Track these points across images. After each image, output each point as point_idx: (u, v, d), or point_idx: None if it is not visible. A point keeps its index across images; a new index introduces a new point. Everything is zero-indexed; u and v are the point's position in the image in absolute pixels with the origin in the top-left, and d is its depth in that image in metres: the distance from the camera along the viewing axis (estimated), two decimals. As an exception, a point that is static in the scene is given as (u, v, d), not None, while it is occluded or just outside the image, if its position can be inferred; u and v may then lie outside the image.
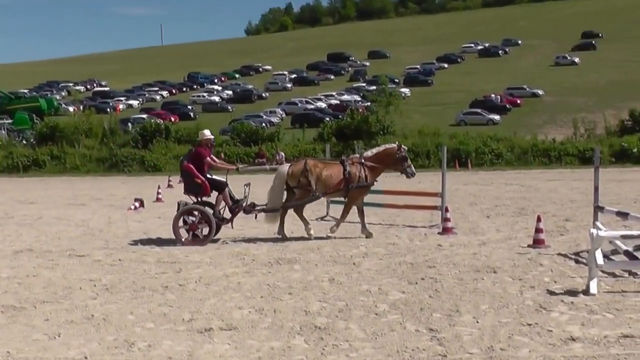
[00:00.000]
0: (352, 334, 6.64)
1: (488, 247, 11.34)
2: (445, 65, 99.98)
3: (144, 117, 64.83)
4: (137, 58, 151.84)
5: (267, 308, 7.63)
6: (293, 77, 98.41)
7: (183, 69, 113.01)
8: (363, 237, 12.65)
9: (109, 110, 73.46)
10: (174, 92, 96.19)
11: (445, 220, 13.20)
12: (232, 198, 12.87)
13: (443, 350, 6.10)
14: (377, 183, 13.33)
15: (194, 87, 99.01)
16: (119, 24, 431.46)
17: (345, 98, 75.21)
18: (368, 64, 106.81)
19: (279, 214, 12.85)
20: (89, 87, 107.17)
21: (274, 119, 64.78)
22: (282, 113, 69.12)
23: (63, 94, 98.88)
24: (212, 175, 12.87)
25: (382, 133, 46.29)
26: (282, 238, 12.68)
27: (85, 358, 6.18)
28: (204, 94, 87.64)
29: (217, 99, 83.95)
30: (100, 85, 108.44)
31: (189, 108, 76.16)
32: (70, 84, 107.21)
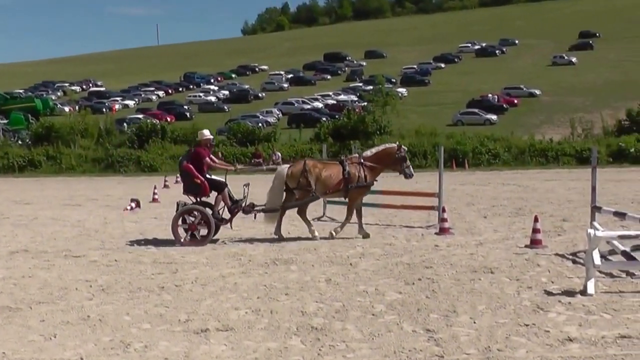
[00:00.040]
0: (348, 335, 6.62)
1: (485, 247, 11.33)
2: (442, 65, 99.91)
3: (140, 117, 64.71)
4: (133, 58, 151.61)
5: (263, 309, 7.61)
6: (289, 77, 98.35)
7: (179, 69, 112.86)
8: (360, 237, 12.64)
9: (105, 111, 73.34)
10: (170, 92, 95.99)
11: (442, 221, 13.21)
12: (231, 198, 12.84)
13: (440, 351, 6.08)
14: (374, 183, 13.32)
15: (190, 87, 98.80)
16: (115, 24, 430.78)
17: (342, 98, 75.15)
18: (365, 64, 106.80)
19: (278, 215, 12.83)
20: (85, 87, 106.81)
21: (271, 119, 64.72)
22: (278, 113, 69.03)
23: (59, 94, 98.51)
24: (211, 176, 12.83)
25: (378, 133, 46.36)
26: (278, 238, 12.66)
27: (81, 359, 6.15)
28: (200, 94, 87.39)
29: (213, 99, 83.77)
30: (96, 85, 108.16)
31: (185, 108, 76.01)
32: (66, 84, 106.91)
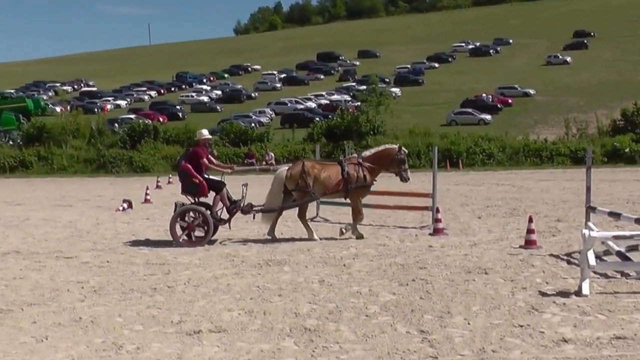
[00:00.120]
0: (342, 336, 6.59)
1: (479, 248, 11.31)
2: (436, 65, 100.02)
3: (132, 117, 64.55)
4: (124, 58, 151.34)
5: (256, 310, 7.58)
6: (282, 76, 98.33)
7: (171, 69, 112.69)
8: (353, 238, 12.60)
9: (97, 111, 73.14)
10: (163, 92, 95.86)
11: (436, 221, 13.17)
12: (229, 199, 12.80)
13: (434, 352, 6.06)
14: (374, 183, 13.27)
15: (183, 87, 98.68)
16: (106, 24, 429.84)
17: (335, 98, 75.17)
18: (358, 64, 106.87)
19: (275, 215, 12.79)
20: (76, 87, 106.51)
21: (264, 119, 64.64)
22: (271, 113, 68.94)
23: (50, 94, 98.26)
24: (209, 176, 12.78)
25: (372, 133, 46.32)
26: (271, 239, 12.61)
27: (73, 361, 6.10)
28: (193, 94, 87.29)
29: (205, 99, 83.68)
30: (88, 85, 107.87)
31: (178, 108, 75.91)
32: (58, 84, 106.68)
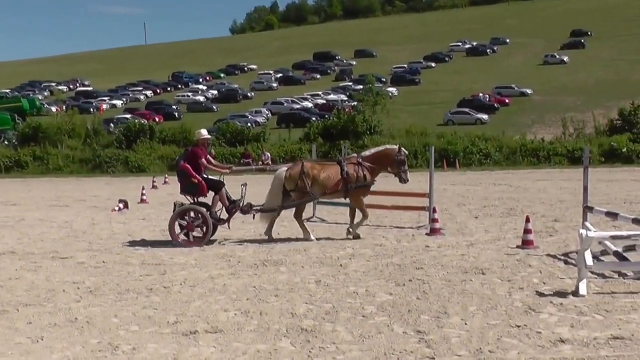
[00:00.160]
0: (339, 337, 6.57)
1: (476, 248, 11.29)
2: (433, 65, 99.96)
3: (128, 117, 64.48)
4: (120, 57, 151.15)
5: (253, 310, 7.55)
6: (279, 76, 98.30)
7: (167, 69, 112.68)
8: (350, 238, 12.58)
9: (93, 111, 73.12)
10: (159, 92, 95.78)
11: (434, 221, 13.15)
12: (228, 199, 12.78)
13: (431, 353, 6.04)
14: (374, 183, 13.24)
15: (179, 86, 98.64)
16: (102, 23, 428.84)
17: (332, 98, 75.12)
18: (355, 63, 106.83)
19: (274, 215, 12.78)
20: (72, 87, 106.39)
21: (260, 119, 64.60)
22: (268, 113, 68.94)
23: (46, 94, 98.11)
24: (208, 176, 12.76)
25: (369, 133, 46.32)
26: (268, 239, 12.59)
27: (69, 362, 6.08)
28: (189, 94, 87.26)
29: (202, 99, 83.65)
30: (84, 85, 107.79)
31: (174, 108, 75.83)
32: (53, 84, 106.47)
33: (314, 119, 56.39)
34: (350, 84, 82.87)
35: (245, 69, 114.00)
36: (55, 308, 7.90)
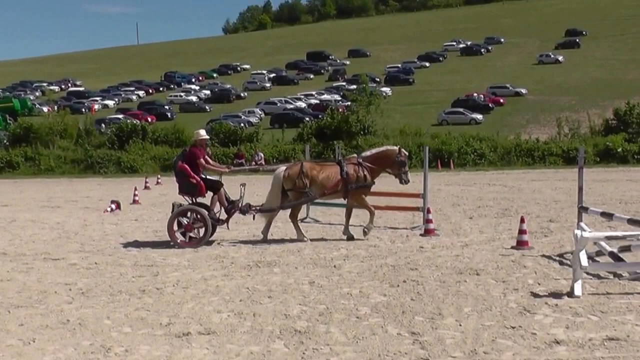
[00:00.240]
0: (332, 338, 6.54)
1: (471, 248, 11.27)
2: (427, 64, 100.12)
3: (120, 117, 64.32)
4: (112, 57, 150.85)
5: (246, 312, 7.52)
6: (272, 76, 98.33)
7: (160, 69, 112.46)
8: (344, 238, 12.54)
9: (84, 111, 72.96)
10: (151, 91, 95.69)
11: (427, 222, 13.14)
12: (227, 199, 12.73)
13: (425, 354, 6.02)
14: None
15: (171, 86, 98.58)
16: (94, 23, 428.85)
17: (325, 97, 75.17)
18: (348, 63, 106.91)
19: (273, 214, 12.75)
20: (64, 87, 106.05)
21: (253, 119, 64.55)
22: (261, 113, 68.87)
23: (37, 94, 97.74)
24: (206, 176, 12.71)
25: (362, 133, 46.26)
26: (262, 239, 12.53)
27: (60, 364, 6.04)
28: (181, 94, 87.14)
29: (194, 99, 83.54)
30: (75, 85, 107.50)
31: (166, 108, 75.73)
32: (45, 84, 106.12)
33: (307, 119, 56.37)
34: (344, 84, 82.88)
35: (238, 69, 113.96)
36: (47, 309, 7.85)
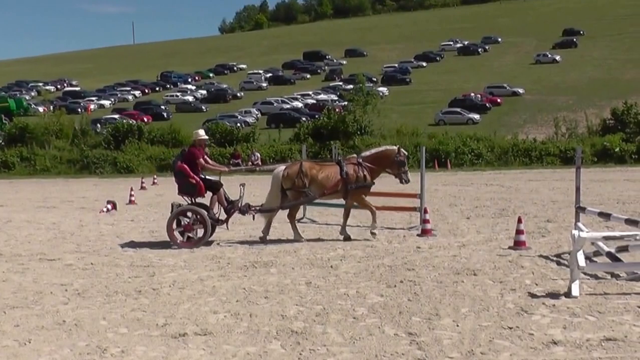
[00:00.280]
0: (329, 339, 6.53)
1: (468, 249, 11.27)
2: (424, 64, 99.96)
3: (116, 117, 64.14)
4: (108, 57, 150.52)
5: (242, 312, 7.50)
6: (268, 76, 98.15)
7: (156, 68, 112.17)
8: (341, 238, 12.52)
9: (80, 111, 72.66)
10: (147, 91, 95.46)
11: (425, 222, 13.12)
12: (226, 199, 12.72)
13: (422, 355, 6.01)
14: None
15: (167, 86, 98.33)
16: (90, 22, 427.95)
17: (322, 97, 75.08)
18: (345, 63, 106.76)
19: (273, 214, 12.74)
20: (59, 86, 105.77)
21: (249, 119, 64.47)
22: (257, 113, 68.80)
23: (32, 94, 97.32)
24: (205, 176, 12.69)
25: (359, 133, 46.20)
26: (260, 239, 12.49)
27: (56, 365, 6.02)
28: (178, 94, 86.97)
29: (190, 99, 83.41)
30: (71, 85, 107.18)
31: (162, 108, 75.56)
32: (40, 84, 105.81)
33: (304, 119, 56.32)
34: (341, 84, 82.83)
35: (235, 69, 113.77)
36: (43, 310, 7.84)
